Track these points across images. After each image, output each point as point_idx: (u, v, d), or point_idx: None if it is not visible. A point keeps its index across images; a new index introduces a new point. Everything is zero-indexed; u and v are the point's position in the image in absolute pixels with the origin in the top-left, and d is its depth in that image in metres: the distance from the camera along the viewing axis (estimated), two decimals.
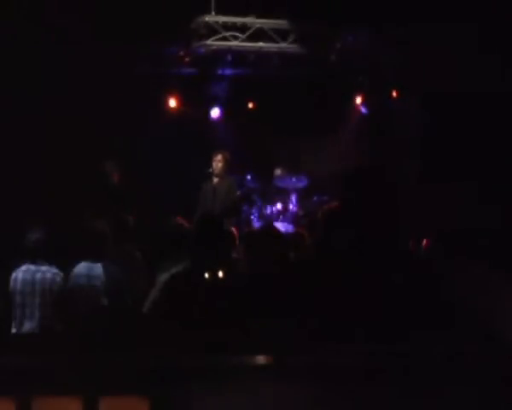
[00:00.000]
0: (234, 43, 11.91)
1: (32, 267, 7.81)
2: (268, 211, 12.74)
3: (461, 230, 6.73)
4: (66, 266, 8.06)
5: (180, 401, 3.70)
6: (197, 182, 12.83)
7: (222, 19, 11.70)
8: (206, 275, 6.28)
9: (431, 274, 3.82)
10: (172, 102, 13.92)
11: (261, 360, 3.76)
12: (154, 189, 13.36)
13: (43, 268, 7.85)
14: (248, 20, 11.93)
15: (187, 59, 12.82)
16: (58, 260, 8.16)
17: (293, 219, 12.66)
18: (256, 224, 12.47)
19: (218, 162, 12.46)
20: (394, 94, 13.22)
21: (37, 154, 12.65)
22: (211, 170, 12.53)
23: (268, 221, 12.31)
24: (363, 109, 14.08)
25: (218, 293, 6.21)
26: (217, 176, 12.51)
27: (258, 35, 12.01)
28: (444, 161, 10.55)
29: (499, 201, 9.03)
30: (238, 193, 12.50)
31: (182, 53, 12.65)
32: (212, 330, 5.66)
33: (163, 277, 7.14)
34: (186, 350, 3.85)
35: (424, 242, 7.32)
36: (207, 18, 11.61)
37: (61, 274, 7.88)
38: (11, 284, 7.72)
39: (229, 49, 12.23)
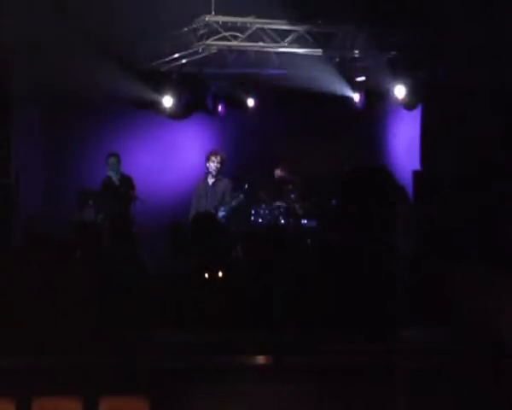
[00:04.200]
0: (234, 43, 11.90)
1: None
2: (268, 211, 12.71)
3: None
4: None
5: (180, 401, 3.70)
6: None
7: (222, 19, 11.67)
8: (206, 275, 6.28)
9: (431, 274, 3.82)
10: (170, 103, 13.91)
11: (261, 360, 3.76)
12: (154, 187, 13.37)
13: None
14: (248, 20, 11.91)
15: (187, 59, 12.81)
16: None
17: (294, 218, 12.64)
18: (256, 223, 12.45)
19: (214, 162, 12.43)
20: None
21: None
22: (207, 170, 12.52)
23: (268, 221, 12.29)
24: (360, 106, 14.05)
25: (218, 293, 6.21)
26: (213, 176, 12.49)
27: (258, 35, 11.99)
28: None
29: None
30: (241, 196, 12.44)
31: (182, 53, 12.64)
32: (212, 330, 5.66)
33: None
34: (186, 350, 3.86)
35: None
36: (207, 18, 11.59)
37: None
38: None
39: (230, 49, 12.22)
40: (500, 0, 9.86)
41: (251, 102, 14.24)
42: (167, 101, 13.86)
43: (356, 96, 14.07)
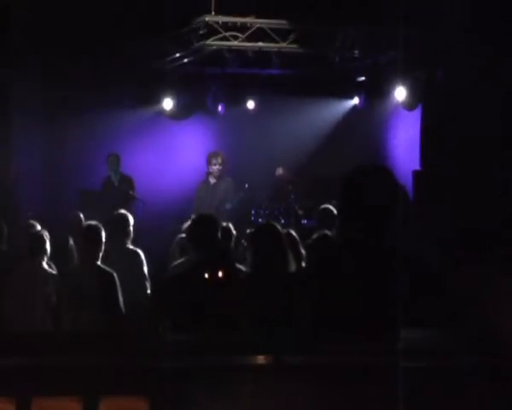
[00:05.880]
0: (234, 43, 11.91)
1: None
2: (268, 211, 12.73)
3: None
4: None
5: (180, 401, 3.69)
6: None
7: (222, 19, 11.69)
8: (206, 275, 6.28)
9: (431, 274, 3.81)
10: (170, 103, 13.91)
11: (261, 360, 3.75)
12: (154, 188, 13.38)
13: None
14: (248, 20, 11.92)
15: (187, 59, 12.82)
16: None
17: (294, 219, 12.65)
18: (256, 223, 12.45)
19: (215, 165, 12.47)
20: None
21: None
22: (208, 171, 12.57)
23: (268, 221, 12.29)
24: (360, 106, 14.08)
25: (218, 292, 6.21)
26: (214, 176, 12.52)
27: (258, 35, 12.00)
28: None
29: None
30: (241, 194, 12.49)
31: (182, 53, 12.65)
32: (212, 330, 5.65)
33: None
34: (186, 350, 3.85)
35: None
36: (207, 18, 11.61)
37: None
38: None
39: (230, 49, 12.24)
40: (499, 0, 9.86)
41: (251, 103, 14.25)
42: (167, 103, 13.87)
43: (356, 97, 14.11)
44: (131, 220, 8.72)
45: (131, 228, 8.64)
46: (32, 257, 8.06)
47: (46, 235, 8.20)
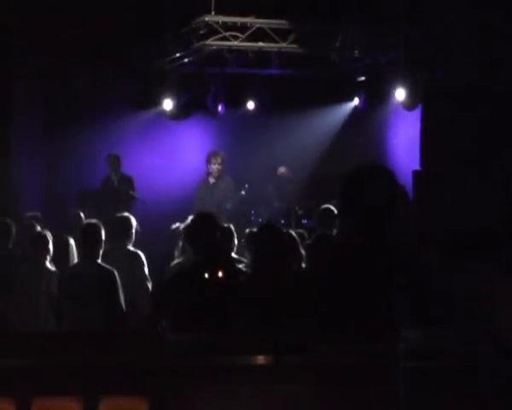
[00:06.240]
0: (234, 43, 11.91)
1: None
2: (268, 211, 12.72)
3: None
4: None
5: (180, 401, 3.70)
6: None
7: (222, 19, 11.69)
8: (206, 275, 6.28)
9: (431, 274, 3.81)
10: (170, 103, 13.89)
11: (261, 360, 3.76)
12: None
13: None
14: (248, 20, 11.92)
15: (187, 59, 12.82)
16: None
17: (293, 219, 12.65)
18: (256, 223, 12.45)
19: (215, 164, 12.48)
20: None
21: None
22: (208, 171, 12.58)
23: (268, 221, 12.29)
24: (360, 106, 14.07)
25: (218, 292, 6.21)
26: (214, 176, 12.52)
27: (258, 35, 12.00)
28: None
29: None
30: (243, 193, 12.50)
31: (182, 53, 12.65)
32: (212, 330, 5.65)
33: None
34: (186, 350, 3.85)
35: None
36: (207, 18, 11.60)
37: None
38: None
39: (230, 49, 12.23)
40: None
41: (251, 102, 14.25)
42: (167, 103, 13.85)
43: (356, 97, 14.10)
44: (134, 223, 8.72)
45: (134, 231, 8.63)
46: (35, 257, 8.07)
47: (49, 235, 8.22)
